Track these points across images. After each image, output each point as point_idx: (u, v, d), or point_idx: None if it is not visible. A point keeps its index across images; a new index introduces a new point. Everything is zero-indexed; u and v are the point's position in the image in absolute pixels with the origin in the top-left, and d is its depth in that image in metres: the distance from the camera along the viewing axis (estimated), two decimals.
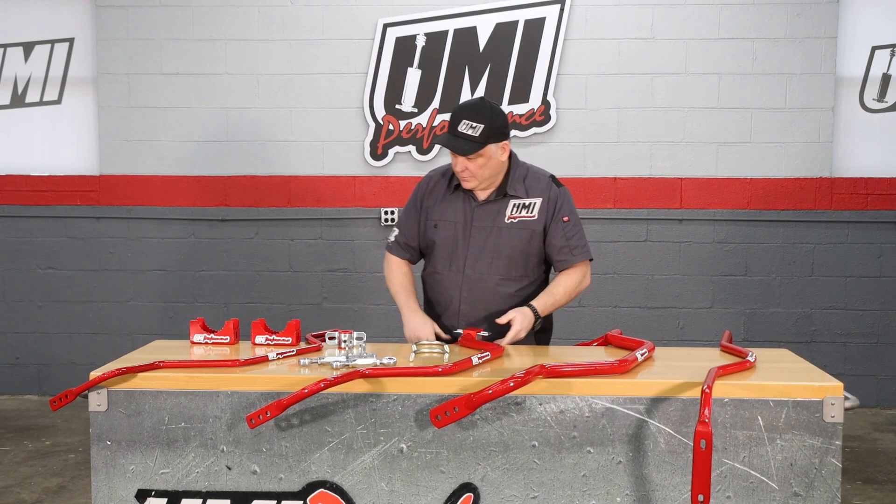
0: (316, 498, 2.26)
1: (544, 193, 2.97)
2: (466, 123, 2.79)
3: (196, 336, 2.71)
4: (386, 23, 5.53)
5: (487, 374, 2.31)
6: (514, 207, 2.94)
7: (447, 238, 2.97)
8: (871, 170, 5.55)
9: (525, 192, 2.96)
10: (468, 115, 2.81)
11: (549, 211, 2.96)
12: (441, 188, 3.01)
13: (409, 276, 3.10)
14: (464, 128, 2.79)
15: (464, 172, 2.86)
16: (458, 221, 2.96)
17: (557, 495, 2.23)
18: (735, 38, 5.48)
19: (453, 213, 2.97)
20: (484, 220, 2.94)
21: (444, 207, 2.99)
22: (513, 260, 2.95)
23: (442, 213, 2.99)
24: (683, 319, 5.63)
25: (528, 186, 2.97)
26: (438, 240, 2.98)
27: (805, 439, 2.18)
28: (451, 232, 2.96)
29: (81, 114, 5.76)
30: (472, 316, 2.97)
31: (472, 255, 2.94)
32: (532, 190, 2.96)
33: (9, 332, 5.82)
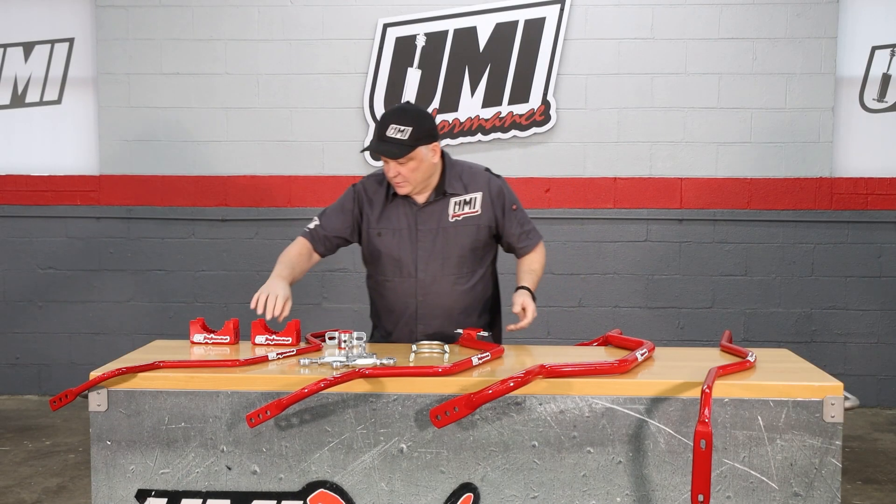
0: (316, 498, 2.26)
1: (484, 187, 2.98)
2: (394, 127, 2.79)
3: (196, 336, 2.72)
4: (386, 23, 5.53)
5: (487, 374, 2.31)
6: (456, 205, 2.95)
7: (393, 245, 2.96)
8: (871, 170, 5.55)
9: (464, 189, 2.97)
10: (395, 120, 2.81)
11: (494, 203, 2.98)
12: (380, 196, 2.99)
13: (302, 258, 3.04)
14: (392, 132, 2.79)
15: (397, 178, 2.85)
16: (402, 228, 2.95)
17: (557, 495, 2.23)
18: (735, 38, 5.48)
19: (396, 220, 2.96)
20: (428, 222, 2.94)
21: (386, 215, 2.97)
22: (463, 257, 2.96)
23: (385, 222, 2.97)
24: (683, 319, 5.63)
25: (466, 183, 2.98)
26: (384, 248, 2.97)
27: (805, 439, 2.18)
28: (396, 239, 2.96)
29: (81, 114, 5.76)
30: (430, 318, 2.97)
31: (423, 258, 2.93)
32: (471, 185, 2.98)
33: (9, 332, 5.82)
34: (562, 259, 5.57)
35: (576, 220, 5.59)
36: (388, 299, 3.04)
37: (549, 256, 3.20)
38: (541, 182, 5.54)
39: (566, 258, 5.59)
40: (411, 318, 2.98)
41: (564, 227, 5.58)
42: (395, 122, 2.80)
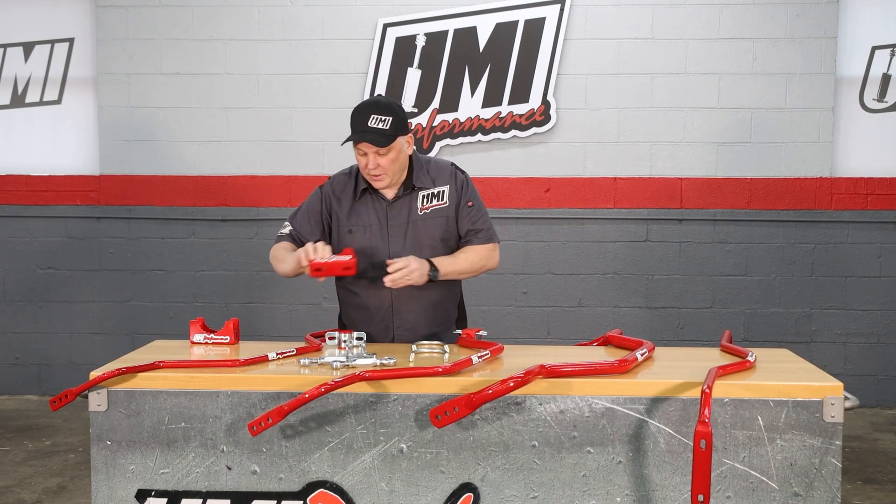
0: (316, 498, 2.26)
1: (450, 181, 3.00)
2: (375, 118, 2.80)
3: (196, 336, 2.72)
4: (386, 23, 5.53)
5: (487, 374, 2.31)
6: (425, 198, 2.96)
7: (365, 241, 2.96)
8: (871, 170, 5.55)
9: (432, 183, 2.97)
10: (375, 111, 2.82)
11: (456, 196, 2.99)
12: (348, 194, 2.99)
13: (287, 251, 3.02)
14: (374, 122, 2.79)
15: (376, 170, 2.85)
16: (372, 224, 2.96)
17: (557, 495, 2.23)
18: (735, 38, 5.48)
19: (366, 217, 2.96)
20: (398, 216, 2.95)
21: (356, 212, 2.97)
22: (434, 250, 2.96)
23: (355, 219, 2.97)
24: (683, 319, 5.63)
25: (433, 177, 2.99)
26: (355, 245, 2.95)
27: (805, 439, 2.18)
28: (367, 235, 2.96)
29: (81, 114, 5.76)
30: (405, 314, 2.97)
31: (394, 253, 2.92)
32: (438, 179, 2.99)
33: (9, 332, 5.82)
34: (562, 259, 5.57)
35: (576, 220, 5.59)
36: (361, 297, 3.02)
37: (549, 256, 3.19)
38: (541, 182, 5.54)
39: (566, 258, 5.59)
40: (387, 313, 2.98)
41: (564, 227, 5.58)
42: (375, 113, 2.81)
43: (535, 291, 5.62)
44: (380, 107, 2.84)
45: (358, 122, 2.83)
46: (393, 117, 2.82)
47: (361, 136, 2.81)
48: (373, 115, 2.80)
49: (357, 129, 2.83)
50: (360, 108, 2.87)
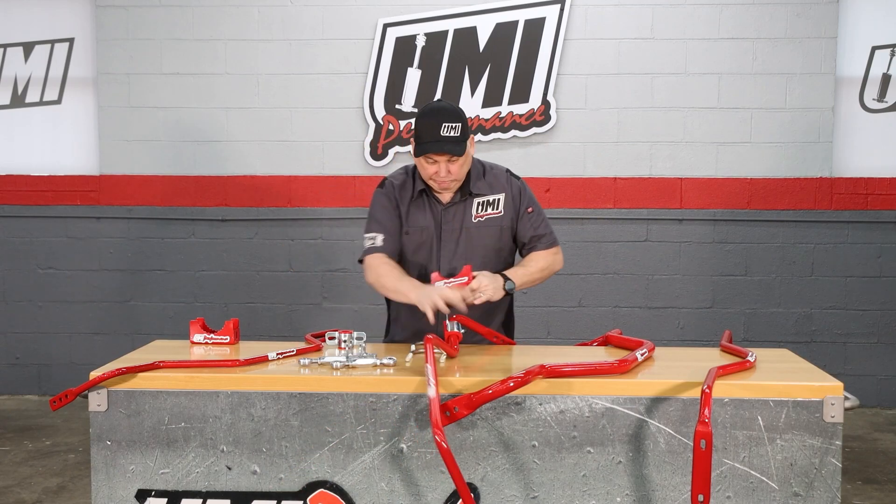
0: (316, 498, 2.26)
1: (506, 188, 2.97)
2: (447, 126, 2.75)
3: (196, 336, 2.71)
4: (386, 23, 5.53)
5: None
6: (480, 206, 2.93)
7: (418, 245, 2.93)
8: (871, 170, 5.55)
9: (489, 189, 2.94)
10: (445, 119, 2.76)
11: (514, 205, 2.96)
12: (406, 194, 2.95)
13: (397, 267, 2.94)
14: (446, 130, 2.74)
15: (447, 177, 2.81)
16: (427, 227, 2.92)
17: (557, 495, 2.23)
18: (735, 38, 5.48)
19: (422, 220, 2.93)
20: (452, 222, 2.92)
21: (411, 214, 2.94)
22: (486, 259, 2.93)
23: (410, 221, 2.94)
24: (683, 319, 5.63)
25: (489, 183, 2.95)
26: (410, 247, 2.93)
27: (805, 439, 2.18)
28: (421, 238, 2.93)
29: (81, 114, 5.76)
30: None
31: (446, 258, 2.91)
32: (494, 186, 2.96)
33: (9, 332, 5.82)
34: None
35: (576, 220, 5.59)
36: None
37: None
38: (541, 182, 5.54)
39: (566, 258, 5.52)
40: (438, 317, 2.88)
41: (564, 227, 5.57)
42: (446, 121, 2.75)
43: (534, 291, 5.61)
44: (449, 114, 2.78)
45: (430, 131, 2.76)
46: (462, 123, 2.78)
47: (440, 146, 2.74)
48: (444, 124, 2.74)
49: (431, 139, 2.76)
50: (428, 115, 2.80)
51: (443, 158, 2.77)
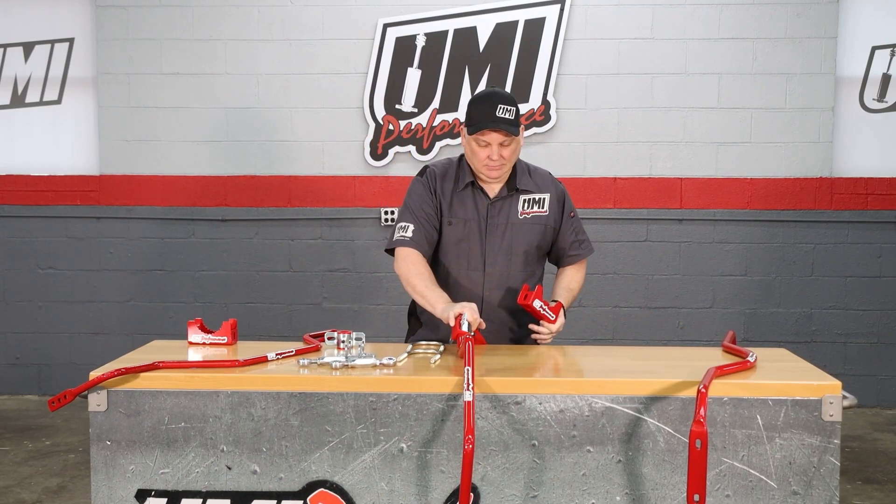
0: (316, 498, 2.26)
1: (551, 189, 2.97)
2: (503, 108, 2.75)
3: (193, 336, 2.71)
4: (386, 23, 5.53)
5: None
6: (526, 203, 2.92)
7: (462, 236, 2.90)
8: (871, 170, 5.55)
9: (535, 188, 2.94)
10: (501, 101, 2.77)
11: (558, 206, 2.97)
12: (449, 185, 2.93)
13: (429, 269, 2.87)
14: (502, 112, 2.75)
15: (498, 160, 2.80)
16: (472, 219, 2.90)
17: (557, 494, 2.23)
18: (735, 38, 5.48)
19: (466, 211, 2.90)
20: (498, 216, 2.91)
21: (456, 205, 2.91)
22: (528, 255, 2.93)
23: (455, 211, 2.91)
24: (683, 319, 5.63)
25: (535, 182, 2.96)
26: (453, 238, 2.90)
27: (804, 438, 2.18)
28: (466, 230, 2.90)
29: (81, 114, 5.76)
30: (492, 314, 2.89)
31: (491, 252, 2.89)
32: (540, 186, 2.96)
33: (9, 332, 5.83)
34: None
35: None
36: (450, 292, 2.87)
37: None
38: None
39: None
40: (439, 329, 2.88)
41: None
42: (501, 103, 2.76)
43: None
44: (505, 97, 2.79)
45: (485, 111, 2.76)
46: (516, 109, 2.79)
47: (496, 124, 2.74)
48: (500, 105, 2.75)
49: (487, 119, 2.75)
50: (484, 97, 2.81)
51: (496, 140, 2.76)
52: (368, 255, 5.61)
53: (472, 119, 2.81)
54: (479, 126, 2.76)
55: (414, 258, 2.86)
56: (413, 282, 2.82)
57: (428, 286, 2.79)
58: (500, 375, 2.30)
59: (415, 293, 2.83)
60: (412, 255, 2.86)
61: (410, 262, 2.85)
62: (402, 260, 2.87)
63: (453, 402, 2.21)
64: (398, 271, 2.89)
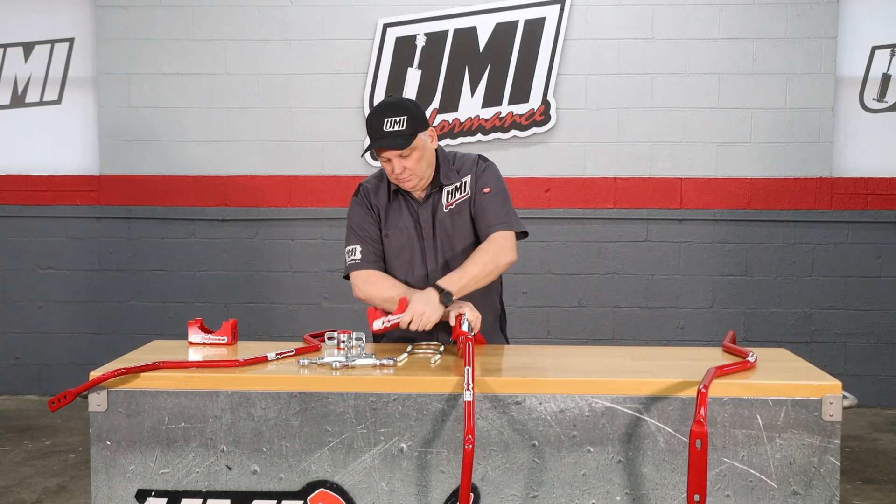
0: (316, 498, 2.26)
1: (471, 170, 2.87)
2: (389, 120, 2.68)
3: (193, 336, 2.71)
4: (386, 23, 5.53)
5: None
6: (449, 193, 2.84)
7: (401, 246, 2.85)
8: (871, 170, 5.56)
9: (456, 175, 2.86)
10: (388, 113, 2.70)
11: (475, 186, 2.85)
12: (382, 199, 2.88)
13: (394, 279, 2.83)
14: (389, 126, 2.67)
15: (403, 173, 2.73)
16: (408, 227, 2.85)
17: (557, 494, 2.23)
18: (735, 38, 5.48)
19: (401, 219, 2.85)
20: (428, 217, 2.84)
21: (391, 216, 2.87)
22: (467, 246, 2.84)
23: (390, 223, 2.86)
24: (683, 319, 5.63)
25: (457, 169, 2.87)
26: (393, 249, 2.86)
27: (804, 438, 2.18)
28: (404, 238, 2.85)
29: (81, 114, 5.76)
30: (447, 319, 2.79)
31: (430, 254, 2.84)
32: (461, 171, 2.87)
33: (9, 332, 5.83)
34: (562, 259, 5.58)
35: (576, 220, 5.59)
36: None
37: (549, 256, 3.06)
38: (541, 182, 5.55)
39: (566, 258, 5.59)
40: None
41: (564, 227, 5.58)
42: (388, 116, 2.69)
43: (534, 291, 5.62)
44: (392, 108, 2.72)
45: (374, 128, 2.71)
46: (408, 115, 2.70)
47: (380, 142, 2.68)
48: (386, 119, 2.68)
49: (374, 137, 2.71)
50: (372, 113, 2.74)
51: (393, 155, 2.70)
52: None
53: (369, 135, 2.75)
54: (369, 147, 2.73)
55: (374, 277, 2.82)
56: (389, 295, 2.75)
57: (407, 290, 2.75)
58: (500, 375, 2.30)
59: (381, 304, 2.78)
60: (371, 275, 2.83)
61: (373, 281, 2.82)
62: (363, 283, 2.83)
63: (453, 402, 2.21)
64: (360, 296, 2.85)
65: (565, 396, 2.22)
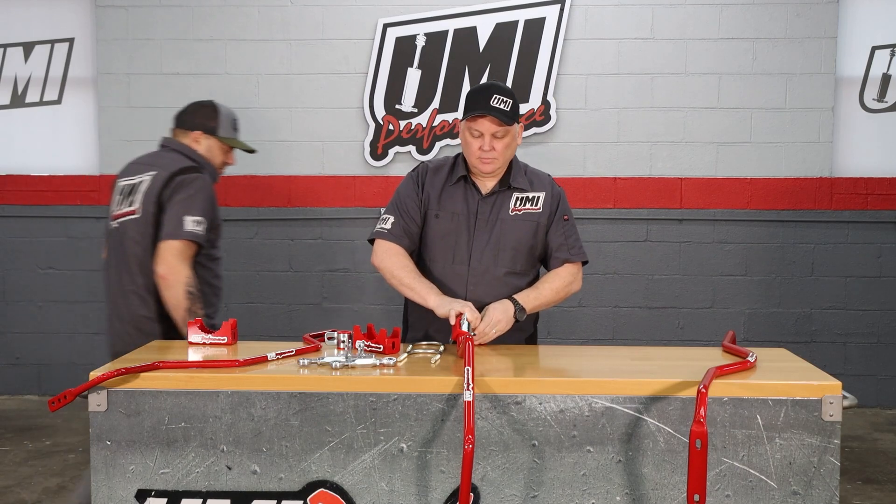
0: (316, 498, 2.26)
1: (547, 189, 2.94)
2: (498, 98, 2.72)
3: (193, 336, 2.71)
4: (386, 23, 5.53)
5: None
6: (518, 200, 2.89)
7: (449, 230, 2.87)
8: (871, 170, 5.56)
9: (529, 185, 2.91)
10: (496, 91, 2.75)
11: (552, 206, 2.92)
12: (440, 179, 2.91)
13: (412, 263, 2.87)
14: (496, 102, 2.72)
15: (490, 153, 2.77)
16: (461, 213, 2.87)
17: (557, 494, 2.23)
18: (735, 38, 5.48)
19: (456, 205, 2.87)
20: (487, 212, 2.87)
21: (446, 199, 2.88)
22: (517, 253, 2.88)
23: (443, 205, 2.88)
24: (683, 319, 5.63)
25: (530, 180, 2.93)
26: (440, 231, 2.87)
27: (804, 438, 2.18)
28: (453, 224, 2.87)
29: (81, 114, 5.76)
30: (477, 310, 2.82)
31: (478, 247, 2.85)
32: (535, 184, 2.93)
33: (9, 332, 5.82)
34: None
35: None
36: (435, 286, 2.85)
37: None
38: None
39: None
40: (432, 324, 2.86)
41: None
42: (496, 93, 2.73)
43: None
44: (500, 88, 2.77)
45: (479, 100, 2.74)
46: (513, 100, 2.76)
47: (487, 109, 2.72)
48: (495, 95, 2.72)
49: (480, 106, 2.73)
50: (482, 87, 2.79)
51: (488, 130, 2.74)
52: (368, 255, 5.56)
53: (467, 106, 2.81)
54: (472, 112, 2.74)
55: (394, 251, 2.86)
56: (399, 274, 2.82)
57: (415, 278, 2.80)
58: (500, 375, 2.30)
59: (402, 285, 2.83)
60: (392, 248, 2.87)
61: (392, 255, 2.86)
62: (383, 252, 2.88)
63: (453, 402, 2.21)
64: (377, 263, 2.90)
65: (565, 396, 2.22)
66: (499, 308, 2.73)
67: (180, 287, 3.04)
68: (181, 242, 3.07)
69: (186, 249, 3.09)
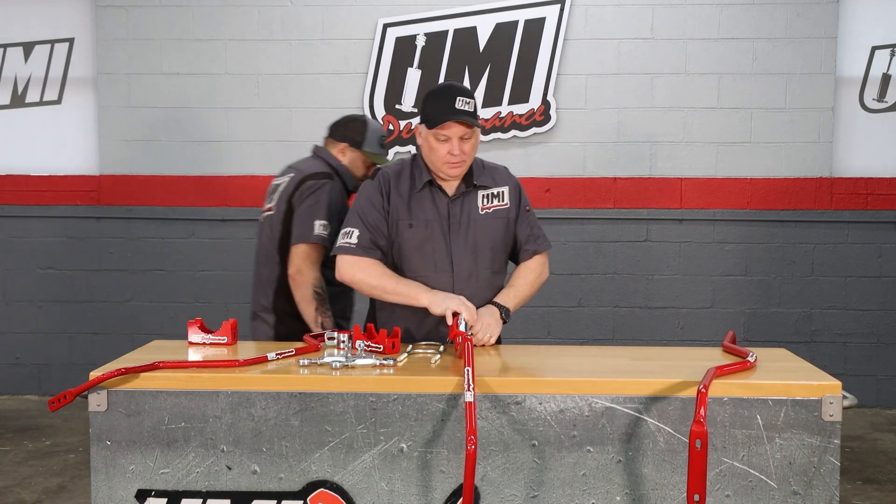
0: (316, 498, 2.26)
1: (509, 182, 2.91)
2: (461, 100, 2.69)
3: (193, 336, 2.71)
4: (386, 23, 5.53)
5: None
6: (485, 198, 2.86)
7: (425, 238, 2.81)
8: (871, 170, 5.56)
9: (493, 182, 2.88)
10: (459, 93, 2.71)
11: (516, 199, 2.90)
12: (405, 186, 2.84)
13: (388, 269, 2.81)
14: (461, 104, 2.68)
15: (459, 156, 2.73)
16: (433, 219, 2.81)
17: (557, 494, 2.23)
18: (735, 38, 5.48)
19: (426, 212, 2.82)
20: (458, 214, 2.83)
21: (415, 206, 2.82)
22: (495, 252, 2.86)
23: (414, 213, 2.82)
24: (683, 319, 5.63)
25: (491, 176, 2.89)
26: (416, 241, 2.81)
27: (804, 438, 2.18)
28: (428, 231, 2.81)
29: (81, 114, 5.76)
30: None
31: (457, 252, 2.81)
32: (497, 179, 2.89)
33: (9, 332, 5.82)
34: (562, 259, 5.57)
35: (576, 220, 5.59)
36: None
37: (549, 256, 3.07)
38: (541, 182, 5.55)
39: (566, 258, 5.59)
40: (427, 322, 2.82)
41: (564, 227, 5.58)
42: (460, 96, 2.70)
43: None
44: (461, 90, 2.73)
45: (445, 105, 2.69)
46: (475, 102, 2.74)
47: (456, 116, 2.67)
48: (458, 98, 2.69)
49: (447, 111, 2.69)
50: (442, 91, 2.75)
51: (456, 134, 2.70)
52: None
53: (430, 113, 2.73)
54: (439, 119, 2.69)
55: (366, 263, 2.78)
56: (382, 284, 2.76)
57: (399, 282, 2.77)
58: (500, 375, 2.30)
59: (386, 294, 2.78)
60: (363, 262, 2.79)
61: (365, 267, 2.78)
62: (351, 266, 2.79)
63: (453, 403, 2.21)
64: (348, 279, 2.81)
65: (565, 396, 2.22)
66: (486, 313, 2.73)
67: (308, 288, 3.22)
68: (309, 245, 3.23)
69: (314, 252, 3.24)
